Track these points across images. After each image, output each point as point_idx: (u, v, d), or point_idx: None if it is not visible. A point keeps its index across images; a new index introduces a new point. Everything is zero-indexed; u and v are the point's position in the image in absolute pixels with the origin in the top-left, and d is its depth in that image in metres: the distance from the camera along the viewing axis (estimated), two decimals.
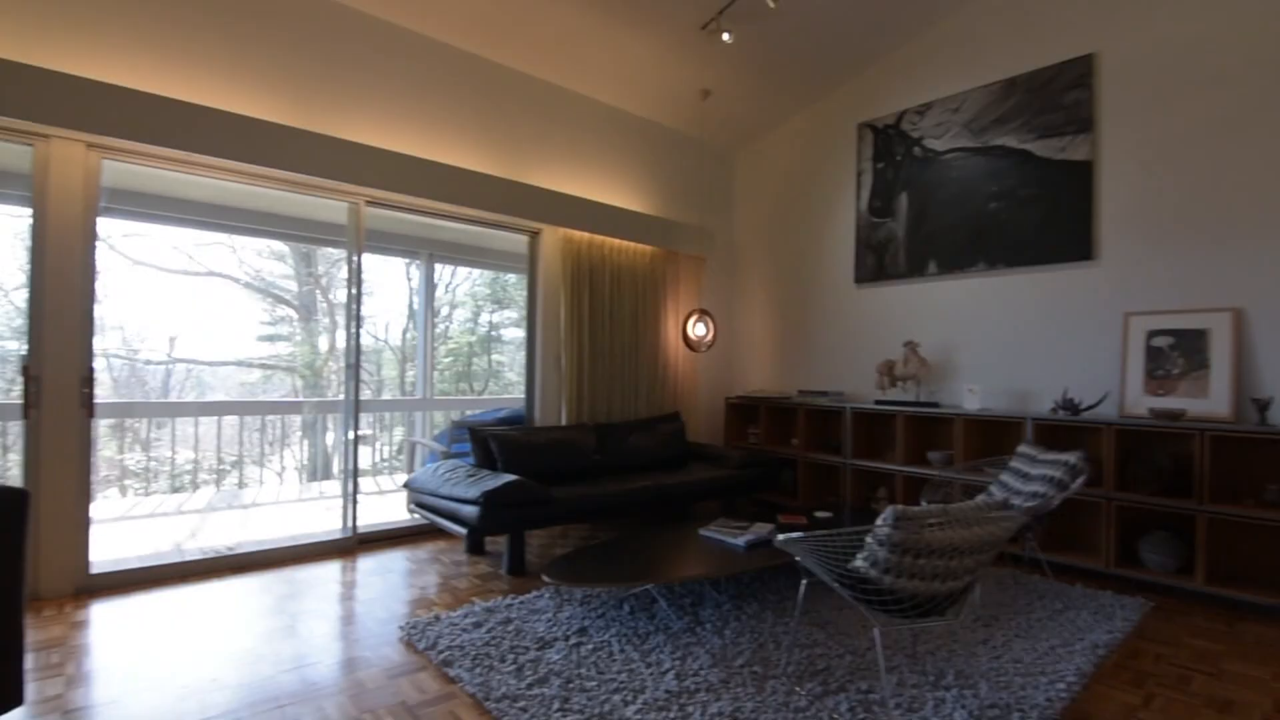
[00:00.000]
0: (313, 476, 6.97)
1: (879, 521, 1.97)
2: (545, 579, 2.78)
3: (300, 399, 8.50)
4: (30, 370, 3.00)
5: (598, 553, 3.14)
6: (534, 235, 4.82)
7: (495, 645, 2.61)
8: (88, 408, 3.13)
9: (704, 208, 5.87)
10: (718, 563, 2.96)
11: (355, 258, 3.98)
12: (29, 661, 2.44)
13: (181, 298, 8.35)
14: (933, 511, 1.96)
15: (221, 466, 6.51)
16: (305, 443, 7.34)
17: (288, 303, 9.74)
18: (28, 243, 3.03)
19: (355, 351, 4.00)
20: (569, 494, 3.69)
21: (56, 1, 3.03)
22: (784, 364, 5.68)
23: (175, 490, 6.25)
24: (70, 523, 3.10)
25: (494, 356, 10.61)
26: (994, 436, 4.23)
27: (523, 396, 4.93)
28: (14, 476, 4.45)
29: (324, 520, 4.74)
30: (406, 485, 3.90)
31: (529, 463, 4.00)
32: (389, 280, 10.28)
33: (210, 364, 9.24)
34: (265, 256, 9.16)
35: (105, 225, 5.25)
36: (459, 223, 4.50)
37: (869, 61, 5.00)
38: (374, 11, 3.93)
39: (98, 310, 3.17)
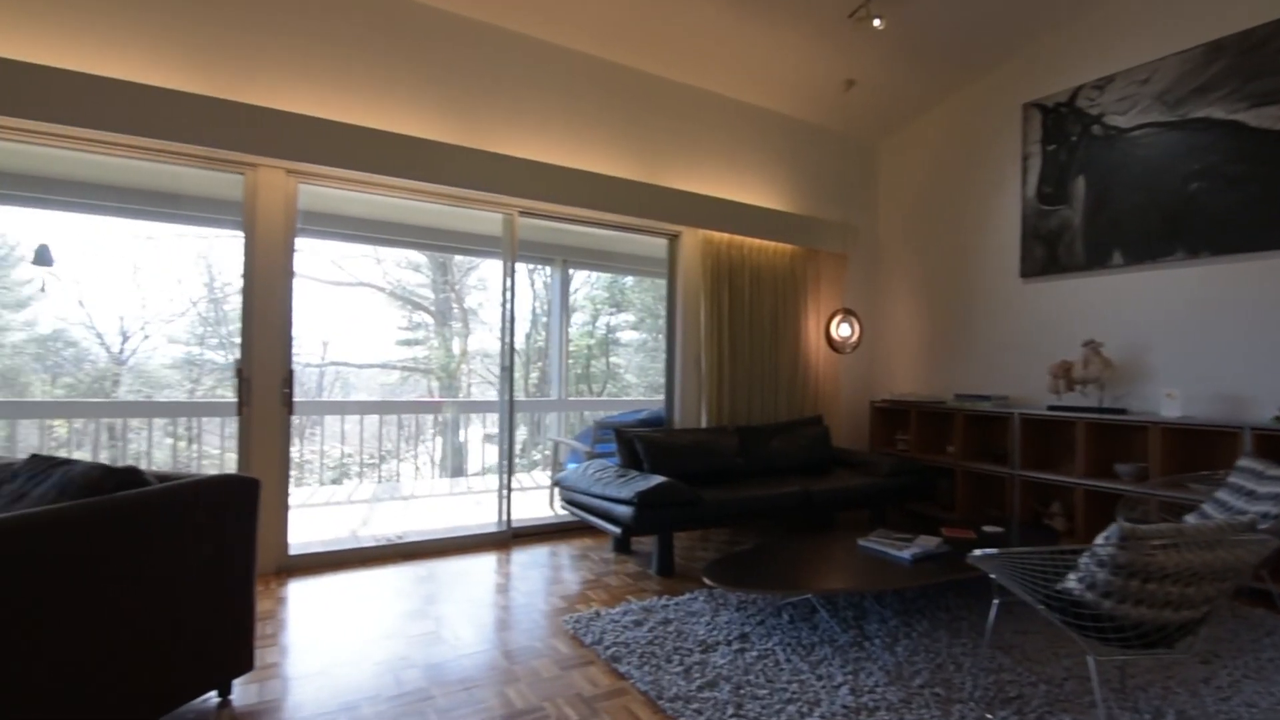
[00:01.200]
0: (449, 472, 7.43)
1: (1100, 540, 1.77)
2: (706, 581, 2.76)
3: (460, 399, 9.11)
4: (243, 372, 3.39)
5: (753, 558, 3.08)
6: (673, 238, 4.84)
7: (659, 645, 2.61)
8: (288, 406, 3.49)
9: (846, 203, 5.64)
10: (882, 576, 2.81)
11: (509, 266, 4.17)
12: None
13: (333, 306, 9.16)
14: (1165, 531, 1.73)
15: (372, 460, 7.08)
16: (440, 440, 7.81)
17: (425, 309, 10.47)
18: (241, 261, 3.42)
19: (509, 354, 4.19)
20: (716, 497, 3.66)
21: (259, 45, 3.40)
22: (936, 366, 5.33)
23: (333, 482, 6.87)
24: (274, 508, 3.46)
25: (611, 359, 10.83)
26: (1198, 448, 3.72)
27: (662, 398, 4.95)
28: (230, 464, 5.03)
29: (474, 513, 5.02)
30: (557, 483, 4.03)
31: (674, 464, 4.00)
32: (516, 284, 10.72)
33: (357, 366, 10.10)
34: (404, 267, 9.91)
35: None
36: (600, 228, 4.61)
37: (1036, 35, 4.58)
38: (524, 29, 4.10)
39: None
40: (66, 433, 5.13)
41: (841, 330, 5.01)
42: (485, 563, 3.79)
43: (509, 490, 4.17)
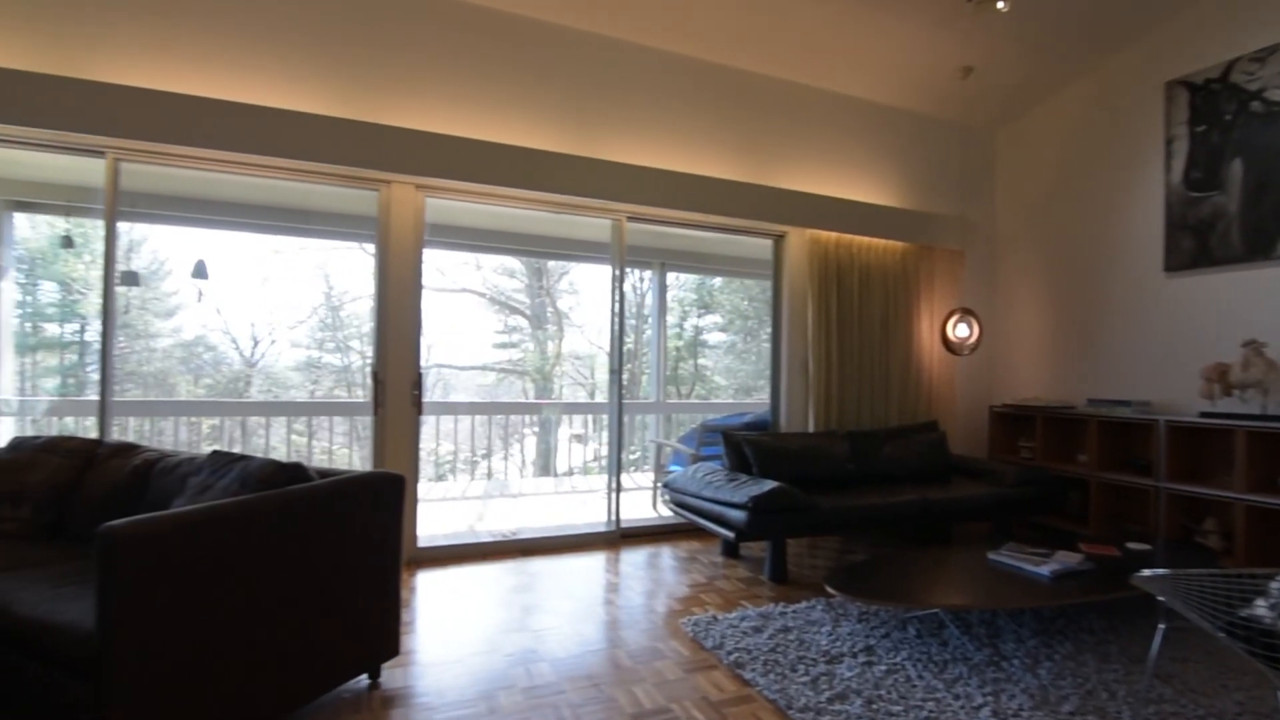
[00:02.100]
0: (540, 471, 7.63)
1: None
2: (829, 590, 2.70)
3: (569, 401, 9.38)
4: (378, 375, 3.62)
5: (876, 569, 2.99)
6: (779, 239, 4.77)
7: (782, 653, 2.58)
8: (417, 406, 3.70)
9: (961, 197, 5.37)
10: (1020, 592, 2.65)
11: (618, 271, 4.24)
12: None
13: (437, 311, 9.59)
14: None
15: (472, 459, 7.35)
16: (533, 439, 8.03)
17: (522, 313, 10.81)
18: (375, 272, 3.67)
19: (619, 358, 4.27)
20: (831, 503, 3.57)
21: (393, 70, 3.63)
22: (1063, 368, 4.97)
23: (439, 479, 7.20)
24: (405, 503, 3.67)
25: (699, 361, 10.78)
26: None
27: (753, 400, 4.89)
28: (341, 459, 5.37)
29: (578, 512, 5.14)
30: (665, 485, 4.06)
31: (783, 469, 3.94)
32: (601, 288, 10.93)
33: (460, 369, 10.55)
34: (500, 273, 10.28)
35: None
36: (705, 231, 4.61)
37: (1180, 7, 4.19)
38: (632, 38, 4.16)
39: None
40: (207, 428, 5.64)
41: (959, 331, 4.76)
42: (596, 561, 3.87)
43: (618, 491, 4.24)
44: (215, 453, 2.23)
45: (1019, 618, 2.98)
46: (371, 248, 8.06)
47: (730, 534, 3.40)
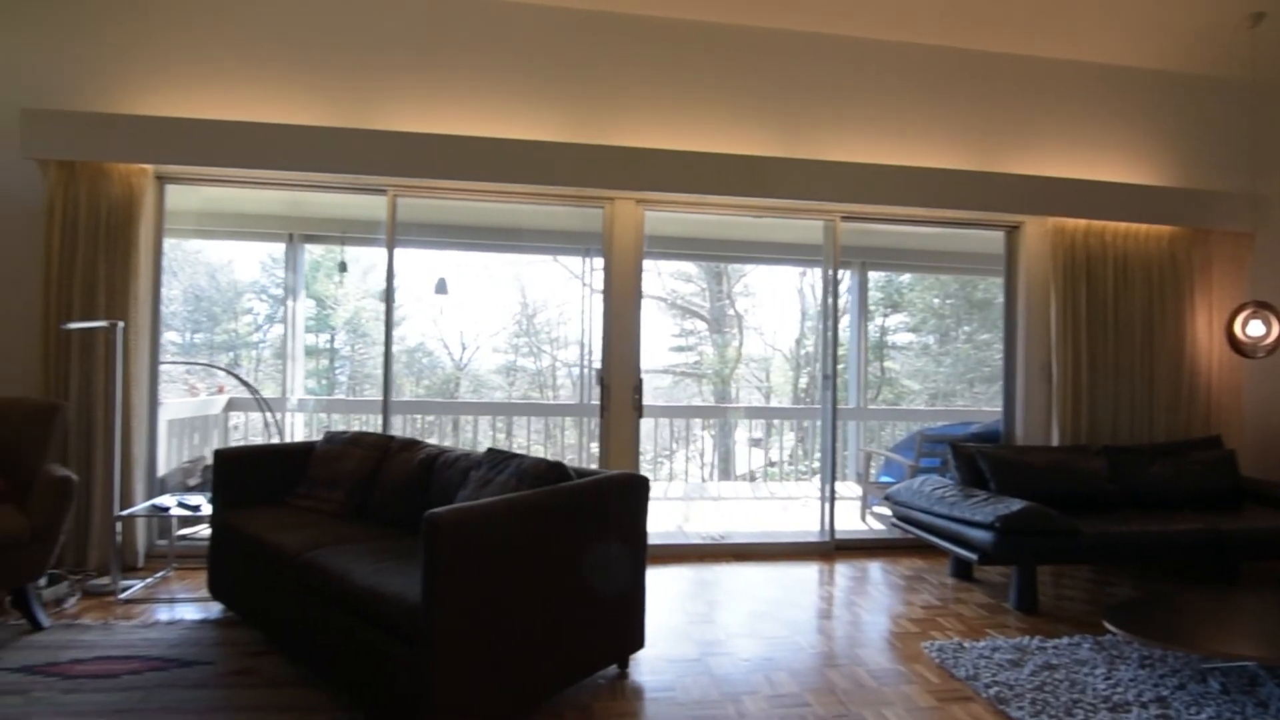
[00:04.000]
0: (722, 475, 7.57)
1: None
2: (1108, 626, 2.38)
3: (791, 405, 9.37)
4: (605, 380, 3.85)
5: (1161, 606, 2.59)
6: (1012, 230, 4.32)
7: (1051, 693, 2.32)
8: (638, 409, 3.88)
9: (1248, 170, 4.48)
10: None
11: (831, 272, 4.11)
12: None
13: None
14: None
15: (656, 459, 7.49)
16: (711, 442, 7.99)
17: (700, 316, 10.88)
18: (602, 283, 3.90)
19: (831, 361, 4.13)
20: (1093, 528, 3.15)
21: (616, 92, 3.84)
22: None
23: None
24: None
25: (886, 364, 10.07)
26: None
27: (945, 406, 4.45)
28: (594, 457, 5.69)
29: (780, 518, 5.06)
30: (888, 498, 3.85)
31: (1026, 486, 3.54)
32: (780, 291, 10.64)
33: (651, 372, 10.87)
34: (677, 278, 10.42)
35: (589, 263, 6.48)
36: (928, 226, 4.32)
37: None
38: (842, 31, 4.02)
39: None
40: (423, 424, 6.31)
41: (1252, 329, 3.97)
42: (812, 572, 3.78)
43: (832, 500, 4.11)
44: (491, 450, 2.51)
45: None
46: (564, 259, 8.68)
47: (972, 555, 3.13)
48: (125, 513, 3.24)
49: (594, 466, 3.50)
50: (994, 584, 3.59)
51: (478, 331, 9.87)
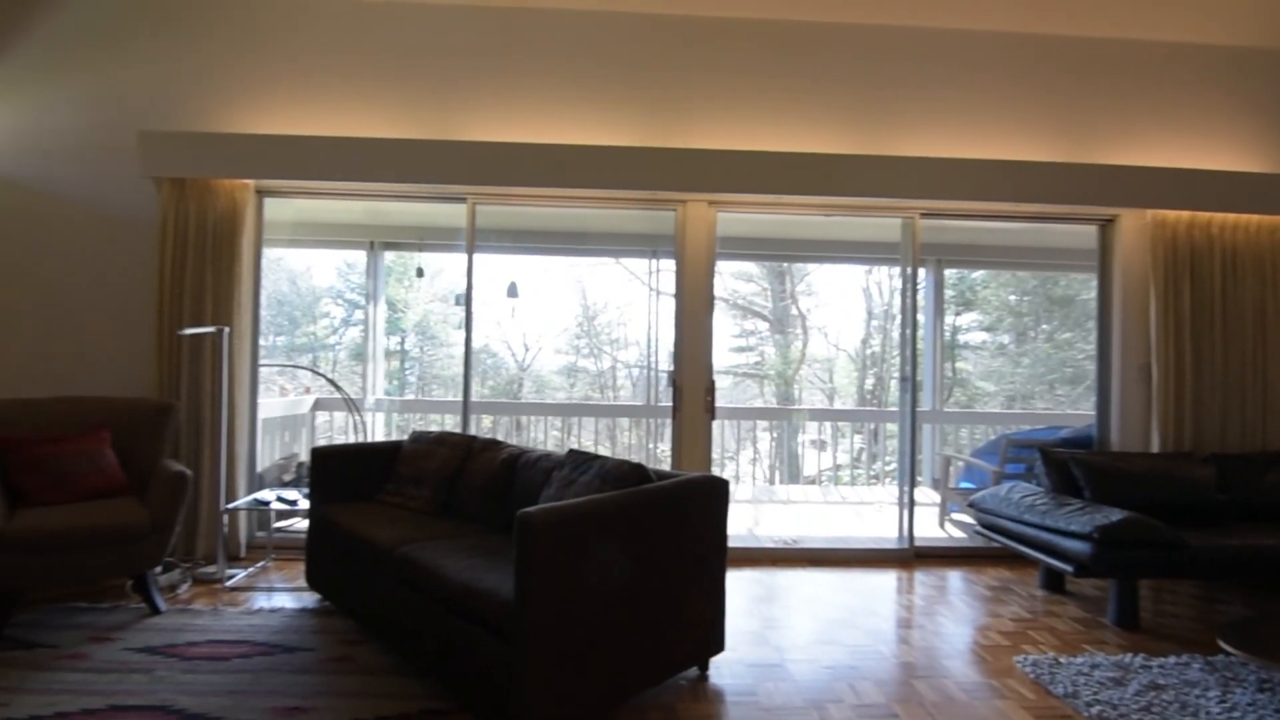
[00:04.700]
0: (784, 479, 7.42)
1: None
2: (1225, 646, 2.23)
3: (856, 407, 9.22)
4: (677, 382, 3.86)
5: None
6: (1106, 224, 4.10)
7: (1159, 715, 2.19)
8: (710, 411, 3.87)
9: None
10: None
11: (910, 270, 4.00)
12: None
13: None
14: None
15: (722, 460, 7.38)
16: (774, 444, 7.84)
17: (762, 316, 10.72)
18: (668, 284, 3.91)
19: (911, 363, 4.02)
20: (1203, 541, 2.95)
21: (687, 96, 3.85)
22: None
23: None
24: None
25: (957, 364, 9.67)
26: None
27: (1052, 409, 4.23)
28: (656, 457, 5.74)
29: (853, 524, 4.95)
30: (972, 504, 3.71)
31: (1125, 495, 3.34)
32: (844, 290, 10.36)
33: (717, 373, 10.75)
34: (738, 278, 10.30)
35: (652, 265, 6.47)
36: (1013, 222, 4.14)
37: None
38: (919, 22, 3.90)
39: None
40: (488, 423, 6.42)
41: None
42: (890, 580, 3.68)
43: (911, 506, 3.99)
44: (572, 451, 2.56)
45: None
46: (626, 261, 8.73)
47: (1067, 567, 2.98)
48: (231, 506, 3.46)
49: (663, 468, 3.52)
50: (1088, 597, 3.42)
51: (539, 333, 10.05)
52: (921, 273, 6.15)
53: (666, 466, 3.96)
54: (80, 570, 2.71)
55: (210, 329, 3.40)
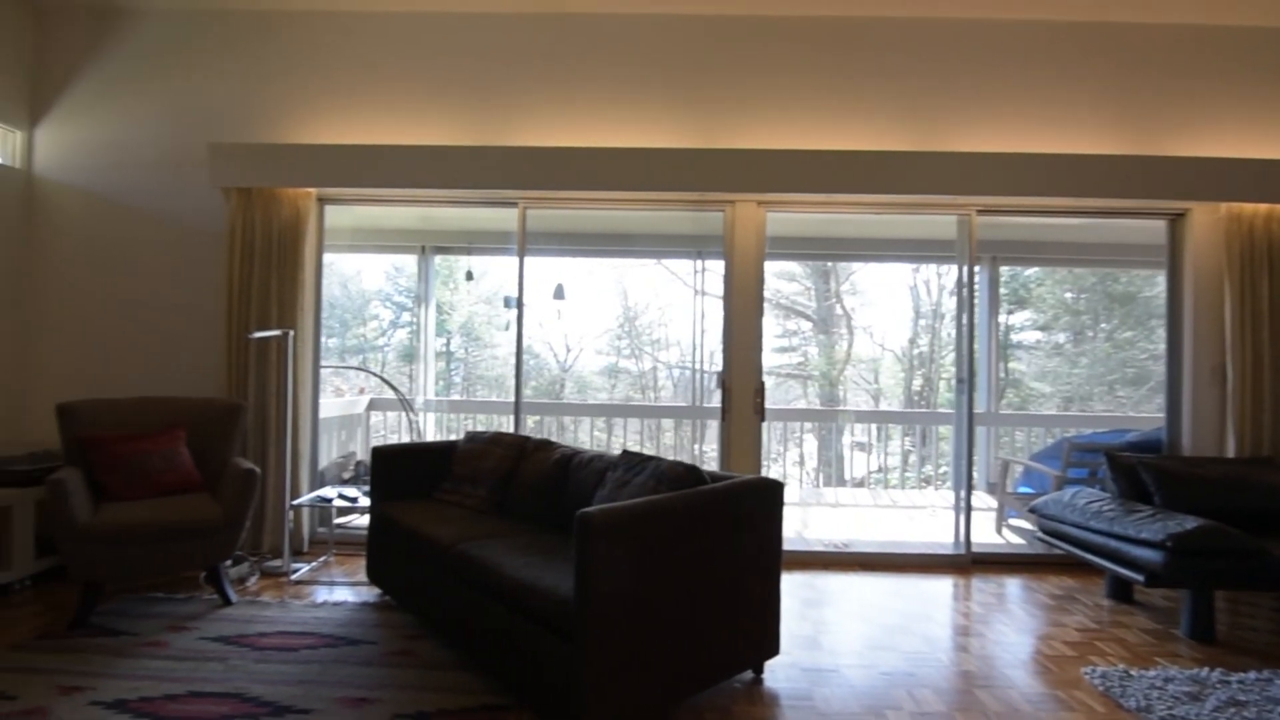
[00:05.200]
0: (829, 481, 7.28)
1: None
2: None
3: (902, 409, 9.06)
4: (726, 383, 3.85)
5: None
6: (1176, 218, 3.92)
7: None
8: (759, 413, 3.85)
9: None
10: None
11: (966, 268, 3.90)
12: None
13: (719, 318, 9.82)
14: None
15: (766, 461, 7.26)
16: (816, 446, 7.69)
17: (806, 316, 10.56)
18: (713, 285, 3.90)
19: (967, 363, 3.92)
20: None
21: (724, 94, 3.84)
22: None
23: None
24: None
25: (1010, 364, 9.34)
26: None
27: (1114, 412, 4.05)
28: (698, 458, 5.75)
29: (904, 528, 4.84)
30: (1033, 510, 3.60)
31: (1198, 502, 3.20)
32: (889, 289, 10.13)
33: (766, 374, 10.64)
34: (780, 277, 10.16)
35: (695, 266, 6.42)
36: (1074, 218, 4.01)
37: None
38: (976, 14, 3.80)
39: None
40: (534, 423, 6.48)
41: None
42: (947, 586, 3.60)
43: (968, 511, 3.89)
44: (626, 452, 2.57)
45: None
46: (669, 262, 8.72)
47: (1136, 576, 2.87)
48: (297, 502, 3.60)
49: (708, 469, 3.51)
50: (1158, 608, 3.28)
51: (580, 334, 10.13)
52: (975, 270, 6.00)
53: (709, 468, 3.95)
54: (158, 562, 2.85)
55: (276, 332, 3.54)
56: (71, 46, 3.94)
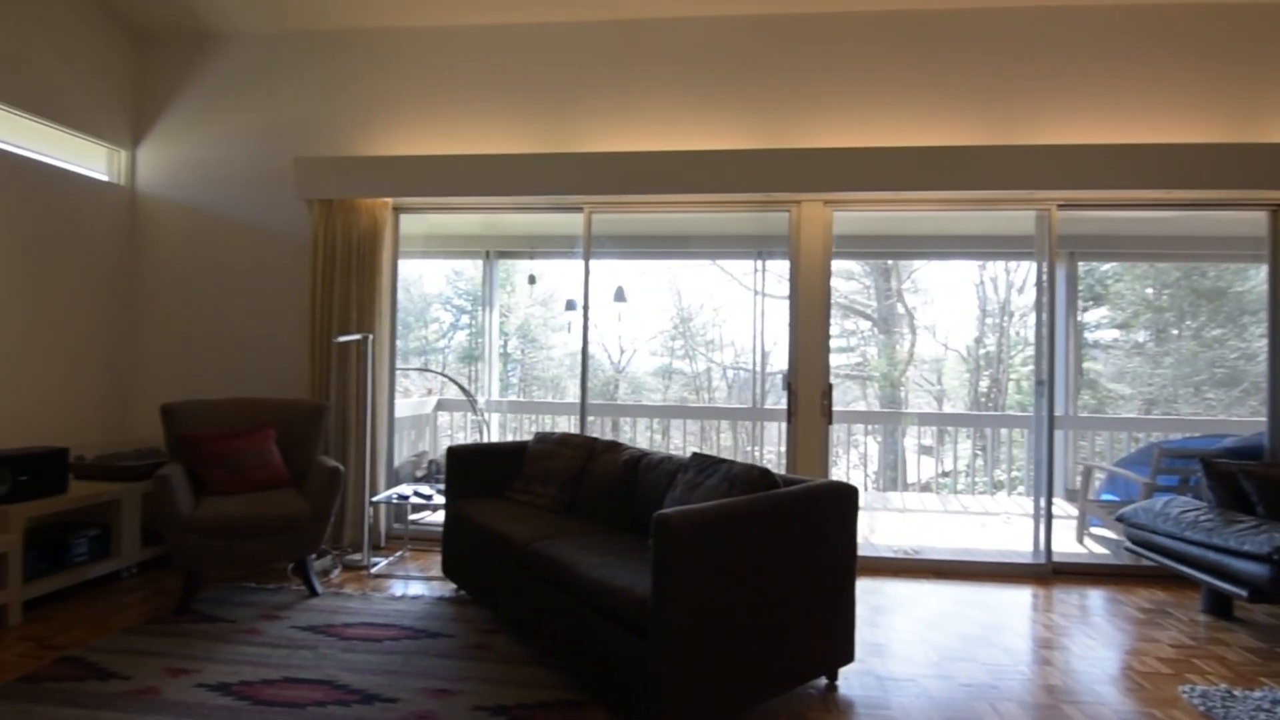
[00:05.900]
0: (891, 485, 7.08)
1: None
2: None
3: (968, 411, 8.82)
4: (792, 386, 3.81)
5: None
6: (1276, 209, 3.67)
7: None
8: (827, 415, 3.80)
9: None
10: None
11: (1046, 265, 3.75)
12: None
13: (779, 318, 9.70)
14: None
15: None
16: (878, 448, 7.48)
17: (866, 315, 10.30)
18: (772, 286, 3.87)
19: (1048, 365, 3.76)
20: None
21: (790, 94, 3.79)
22: None
23: None
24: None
25: (1085, 364, 8.87)
26: None
27: (1200, 415, 3.80)
28: (768, 461, 5.66)
29: (977, 535, 4.68)
30: (1121, 519, 3.43)
31: None
32: (954, 287, 9.78)
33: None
34: (839, 276, 9.92)
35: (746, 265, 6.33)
36: (1160, 210, 3.80)
37: None
38: (1046, 1, 3.65)
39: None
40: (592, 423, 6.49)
41: None
42: (1026, 596, 3.46)
43: (1049, 519, 3.74)
44: (696, 454, 2.59)
45: None
46: (724, 263, 8.66)
47: (1239, 590, 2.70)
48: (376, 499, 3.75)
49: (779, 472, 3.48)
50: (1262, 625, 3.08)
51: (635, 335, 10.18)
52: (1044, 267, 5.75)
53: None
54: (253, 554, 3.02)
55: (357, 336, 3.70)
56: (169, 71, 4.22)
